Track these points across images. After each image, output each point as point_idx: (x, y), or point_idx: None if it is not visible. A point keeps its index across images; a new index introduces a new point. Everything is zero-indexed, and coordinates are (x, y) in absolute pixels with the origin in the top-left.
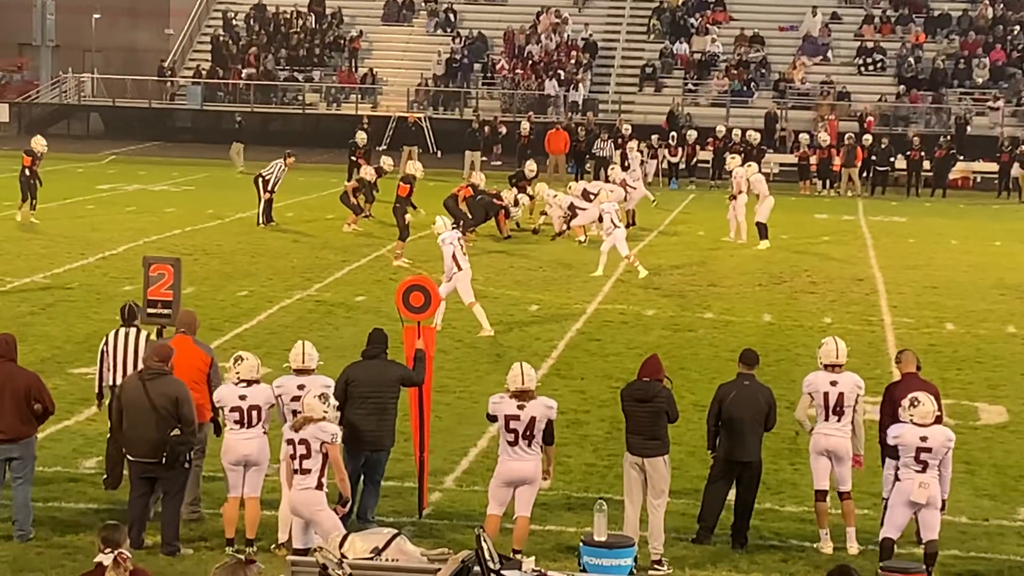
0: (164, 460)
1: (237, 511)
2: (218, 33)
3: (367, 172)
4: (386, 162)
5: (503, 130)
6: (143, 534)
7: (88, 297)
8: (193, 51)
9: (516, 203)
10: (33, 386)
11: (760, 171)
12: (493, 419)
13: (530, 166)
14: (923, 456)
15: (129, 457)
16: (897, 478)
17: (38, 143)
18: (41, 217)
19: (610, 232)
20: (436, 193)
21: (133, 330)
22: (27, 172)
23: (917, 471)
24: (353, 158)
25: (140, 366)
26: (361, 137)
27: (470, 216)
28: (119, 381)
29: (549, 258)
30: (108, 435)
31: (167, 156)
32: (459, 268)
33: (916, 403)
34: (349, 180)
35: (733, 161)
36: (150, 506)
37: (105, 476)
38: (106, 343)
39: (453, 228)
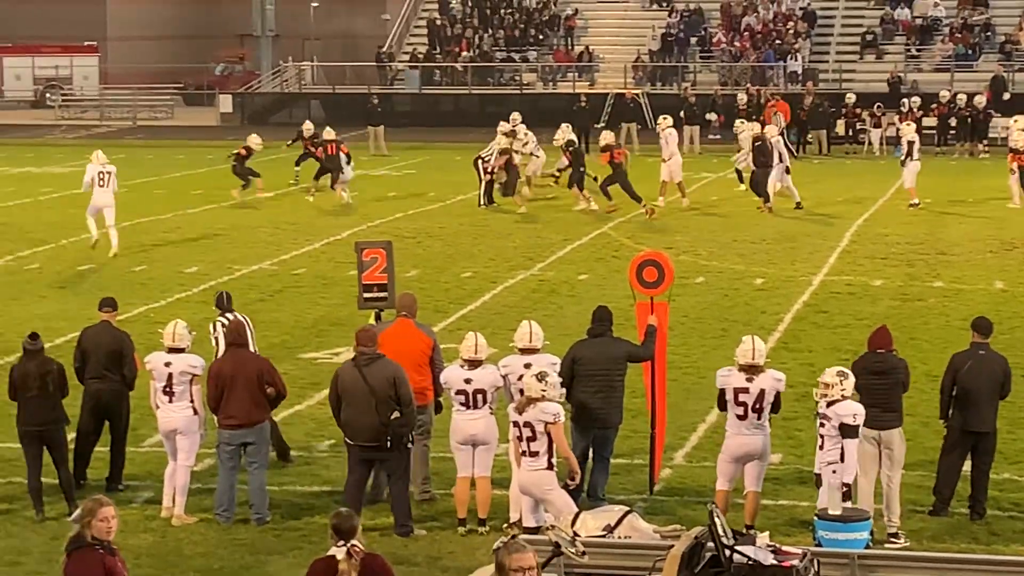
0: (389, 444)
1: (468, 491)
2: (434, 16)
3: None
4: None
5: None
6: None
7: (315, 283)
8: (410, 35)
9: None
10: (265, 370)
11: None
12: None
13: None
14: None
15: (349, 442)
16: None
17: (254, 141)
18: (267, 205)
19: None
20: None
21: (227, 318)
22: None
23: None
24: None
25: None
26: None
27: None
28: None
29: (772, 232)
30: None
31: (387, 141)
32: None
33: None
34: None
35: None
36: (381, 488)
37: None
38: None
39: None
